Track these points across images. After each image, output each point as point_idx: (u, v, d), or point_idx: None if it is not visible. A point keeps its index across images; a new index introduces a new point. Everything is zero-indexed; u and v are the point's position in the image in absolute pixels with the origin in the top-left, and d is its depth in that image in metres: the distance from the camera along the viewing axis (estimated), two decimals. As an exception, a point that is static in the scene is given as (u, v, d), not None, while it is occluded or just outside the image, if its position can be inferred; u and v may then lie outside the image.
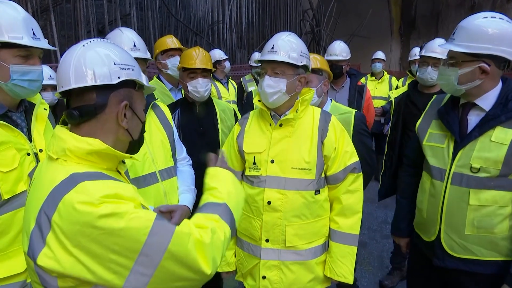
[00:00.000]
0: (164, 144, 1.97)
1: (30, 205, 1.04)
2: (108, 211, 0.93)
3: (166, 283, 1.01)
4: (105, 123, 1.09)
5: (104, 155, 1.08)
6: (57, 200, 0.95)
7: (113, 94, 1.09)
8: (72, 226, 0.92)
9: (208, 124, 2.52)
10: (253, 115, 1.99)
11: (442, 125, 1.80)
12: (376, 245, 4.13)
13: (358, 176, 1.89)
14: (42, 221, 0.96)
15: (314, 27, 13.05)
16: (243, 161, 1.95)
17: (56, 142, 1.06)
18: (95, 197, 0.94)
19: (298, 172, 1.80)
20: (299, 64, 1.77)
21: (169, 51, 2.96)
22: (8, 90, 1.55)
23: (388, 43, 14.76)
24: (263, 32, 11.65)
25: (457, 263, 1.76)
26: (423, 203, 1.88)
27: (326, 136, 1.83)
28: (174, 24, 9.19)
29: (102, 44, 1.12)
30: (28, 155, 1.62)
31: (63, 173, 1.01)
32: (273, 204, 1.81)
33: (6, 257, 1.57)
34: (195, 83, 2.40)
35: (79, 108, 1.07)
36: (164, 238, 0.99)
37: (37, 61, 1.59)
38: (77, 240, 0.93)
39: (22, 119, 1.67)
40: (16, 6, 1.57)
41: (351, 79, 3.62)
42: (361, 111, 3.54)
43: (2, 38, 1.48)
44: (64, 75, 1.07)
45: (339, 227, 1.87)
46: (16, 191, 1.56)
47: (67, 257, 0.94)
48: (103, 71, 1.07)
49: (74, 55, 1.08)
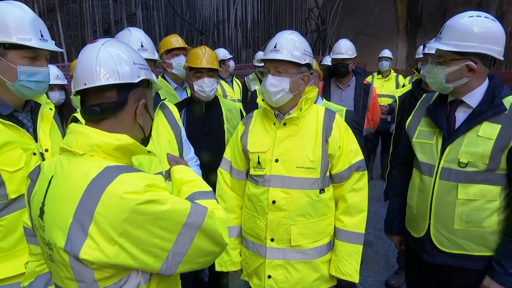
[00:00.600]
0: (171, 144, 1.97)
1: (61, 201, 1.05)
2: (153, 198, 1.00)
3: (195, 259, 1.12)
4: (124, 120, 1.14)
5: (127, 150, 1.13)
6: (98, 192, 0.99)
7: (132, 92, 1.14)
8: (119, 214, 0.97)
9: (214, 124, 2.53)
10: (257, 114, 1.98)
11: (431, 122, 1.84)
12: (382, 244, 4.11)
13: (363, 174, 1.88)
14: (81, 214, 0.99)
15: (319, 25, 13.01)
16: (247, 160, 1.94)
17: (80, 138, 1.09)
18: (140, 186, 1.00)
19: (302, 171, 1.79)
20: (302, 63, 1.77)
21: (173, 51, 2.96)
22: (14, 91, 1.56)
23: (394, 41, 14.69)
24: (268, 31, 11.63)
25: (447, 259, 1.78)
26: (413, 199, 1.92)
27: (330, 134, 1.82)
28: (179, 24, 9.21)
29: (120, 44, 1.16)
30: (34, 154, 1.63)
31: (95, 167, 1.04)
32: (277, 203, 1.81)
33: (12, 256, 1.58)
34: (201, 83, 2.40)
35: (100, 105, 1.10)
36: (199, 217, 1.09)
37: (44, 62, 1.61)
38: (123, 228, 0.98)
39: (28, 119, 1.69)
40: (24, 7, 1.57)
41: (357, 77, 3.60)
42: (367, 110, 3.52)
43: (10, 39, 1.49)
44: (87, 73, 1.09)
45: (344, 226, 1.87)
46: (23, 191, 1.57)
47: (112, 246, 0.98)
48: (126, 70, 1.11)
49: (95, 53, 1.10)
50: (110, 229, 0.97)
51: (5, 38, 1.48)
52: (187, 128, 2.43)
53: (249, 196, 1.92)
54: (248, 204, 1.93)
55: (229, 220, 1.99)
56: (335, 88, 3.61)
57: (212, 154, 2.20)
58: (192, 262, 1.11)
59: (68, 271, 1.04)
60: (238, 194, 2.01)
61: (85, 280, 1.02)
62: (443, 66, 1.69)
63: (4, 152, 1.52)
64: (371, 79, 5.86)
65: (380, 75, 5.85)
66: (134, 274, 1.07)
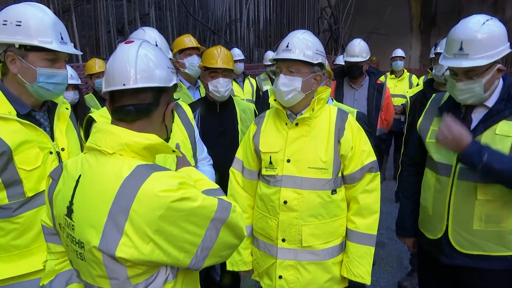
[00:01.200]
0: (185, 144, 1.98)
1: (92, 199, 1.07)
2: (186, 195, 1.05)
3: (219, 252, 1.17)
4: (154, 122, 1.18)
5: (154, 150, 1.17)
6: (133, 191, 1.02)
7: (164, 95, 1.18)
8: (155, 212, 1.01)
9: (228, 124, 2.53)
10: (269, 114, 1.98)
11: None
12: (395, 246, 4.07)
13: (376, 175, 1.87)
14: (116, 213, 1.02)
15: (332, 25, 12.95)
16: (259, 160, 1.95)
17: (109, 137, 1.11)
18: (173, 184, 1.04)
19: (314, 172, 1.79)
20: (315, 62, 1.76)
21: (186, 50, 2.98)
22: (33, 92, 1.60)
23: (408, 40, 14.54)
24: (280, 30, 11.62)
25: (466, 260, 1.77)
26: (428, 200, 1.89)
27: (342, 135, 1.81)
28: (192, 23, 9.26)
29: (154, 47, 1.20)
30: (50, 153, 1.66)
31: (126, 166, 1.07)
32: (289, 203, 1.81)
33: (29, 253, 1.61)
34: (216, 83, 2.41)
35: (135, 106, 1.13)
36: (225, 212, 1.15)
37: (63, 64, 1.64)
38: (158, 225, 1.02)
39: (45, 118, 1.72)
40: (46, 9, 1.60)
41: (370, 77, 3.57)
42: (380, 109, 3.49)
43: (31, 42, 1.52)
44: (126, 73, 1.11)
45: (356, 227, 1.86)
46: (39, 189, 1.61)
47: (147, 244, 1.02)
48: (164, 74, 1.16)
49: (134, 54, 1.12)
50: (146, 226, 1.01)
51: (27, 40, 1.51)
52: (201, 128, 2.44)
53: (261, 196, 1.92)
54: (260, 204, 1.94)
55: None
56: (348, 88, 3.59)
57: (226, 154, 2.21)
58: (217, 255, 1.17)
59: (101, 269, 1.06)
60: (250, 194, 2.01)
61: (118, 277, 1.05)
62: (478, 79, 1.66)
63: (22, 151, 1.55)
64: (384, 79, 5.81)
65: (393, 75, 5.79)
66: (163, 270, 1.12)
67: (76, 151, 1.79)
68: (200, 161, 2.14)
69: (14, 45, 1.51)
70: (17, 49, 1.52)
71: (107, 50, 7.05)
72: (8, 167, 1.52)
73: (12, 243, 1.58)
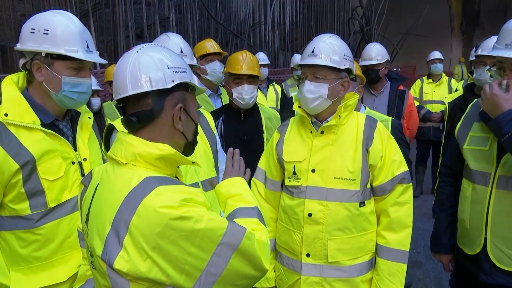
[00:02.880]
0: (207, 154, 2.03)
1: (102, 209, 1.14)
2: (188, 214, 1.04)
3: (231, 281, 1.14)
4: (162, 127, 1.19)
5: (170, 160, 1.19)
6: (135, 203, 1.05)
7: (168, 98, 1.18)
8: (153, 228, 1.03)
9: (253, 133, 2.58)
10: (293, 121, 2.03)
11: (485, 127, 1.80)
12: (433, 265, 4.01)
13: (408, 187, 1.87)
14: (119, 224, 1.06)
15: (363, 26, 12.90)
16: (282, 170, 1.99)
17: (124, 147, 1.17)
18: (175, 200, 1.04)
19: (341, 182, 1.82)
20: (342, 68, 1.81)
21: (208, 56, 3.05)
22: (57, 100, 1.69)
23: (448, 41, 14.32)
24: (307, 32, 11.67)
25: (507, 278, 1.73)
26: (465, 213, 1.87)
27: (371, 143, 1.84)
28: (213, 27, 9.43)
29: (154, 49, 1.22)
30: (73, 163, 1.75)
31: (136, 177, 1.11)
32: (314, 216, 1.84)
33: (50, 265, 1.70)
34: (241, 90, 2.47)
35: (136, 114, 1.16)
36: (236, 238, 1.12)
37: (87, 73, 1.73)
38: (156, 242, 1.03)
39: (68, 127, 1.81)
40: (73, 18, 1.70)
41: (392, 83, 3.58)
42: (401, 118, 3.47)
43: (58, 50, 1.62)
44: (121, 82, 1.17)
45: (387, 243, 1.86)
46: (61, 200, 1.70)
47: (144, 260, 1.04)
48: (158, 76, 1.16)
49: (129, 61, 1.17)
50: (144, 242, 1.02)
51: (54, 49, 1.61)
52: (225, 137, 2.49)
53: (284, 208, 1.96)
54: (283, 216, 1.97)
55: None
56: (367, 94, 3.62)
57: (250, 165, 2.24)
58: (228, 283, 1.14)
59: (106, 279, 1.12)
60: (273, 205, 2.05)
61: None
62: None
63: (46, 161, 1.64)
64: (420, 84, 5.75)
65: (430, 79, 5.74)
66: None
67: (98, 161, 1.89)
68: (221, 171, 2.19)
69: (41, 53, 1.61)
70: (43, 57, 1.62)
71: (125, 56, 7.24)
72: (31, 177, 1.61)
73: (34, 255, 1.66)
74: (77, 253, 1.72)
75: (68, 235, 1.71)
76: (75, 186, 1.75)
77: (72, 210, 1.72)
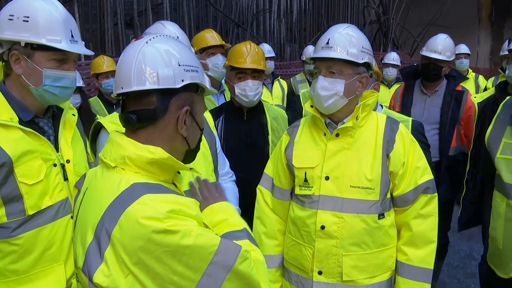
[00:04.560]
0: (205, 156, 2.03)
1: (86, 216, 1.14)
2: (175, 227, 1.03)
3: None
4: (164, 130, 1.18)
5: (164, 165, 1.18)
6: (118, 212, 1.04)
7: (175, 98, 1.18)
8: (135, 241, 1.01)
9: (257, 134, 2.58)
10: (304, 122, 2.03)
11: None
12: (458, 285, 4.01)
13: (432, 197, 1.87)
14: (101, 234, 1.06)
15: (380, 15, 12.90)
16: (292, 177, 1.99)
17: (115, 149, 1.17)
18: (161, 211, 1.03)
19: (358, 192, 1.82)
20: (360, 62, 1.80)
21: (209, 49, 3.04)
22: (37, 95, 1.69)
23: (475, 33, 14.31)
24: (317, 22, 11.67)
25: None
26: (498, 231, 1.86)
27: (392, 148, 1.84)
28: (212, 14, 9.43)
29: (165, 41, 1.21)
30: (54, 166, 1.75)
31: (123, 182, 1.11)
32: (327, 229, 1.83)
33: (27, 279, 1.69)
34: (244, 85, 2.46)
35: (137, 112, 1.16)
36: (230, 257, 1.10)
37: (72, 66, 1.73)
38: (139, 257, 1.02)
39: (50, 125, 1.81)
40: (56, 4, 1.70)
41: (449, 81, 3.46)
42: (457, 123, 3.37)
43: (39, 40, 1.61)
44: (125, 75, 1.16)
45: (408, 259, 1.86)
46: (42, 206, 1.69)
47: (126, 276, 1.03)
48: (167, 73, 1.15)
49: (136, 53, 1.16)
50: (125, 256, 1.02)
51: (34, 39, 1.60)
52: (226, 138, 2.49)
53: (294, 220, 1.96)
54: (292, 229, 1.97)
55: (269, 248, 2.03)
56: (418, 93, 3.52)
57: (253, 170, 2.25)
58: None
59: None
60: (281, 216, 2.05)
61: None
62: None
63: (24, 162, 1.64)
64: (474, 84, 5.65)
65: (455, 76, 5.72)
66: None
67: (83, 163, 1.88)
68: (221, 176, 2.18)
69: (19, 43, 1.61)
70: (22, 47, 1.62)
71: (113, 46, 7.26)
72: (8, 180, 1.61)
73: (10, 268, 1.65)
74: (59, 267, 1.72)
75: (48, 246, 1.70)
76: (57, 191, 1.74)
77: (53, 218, 1.71)
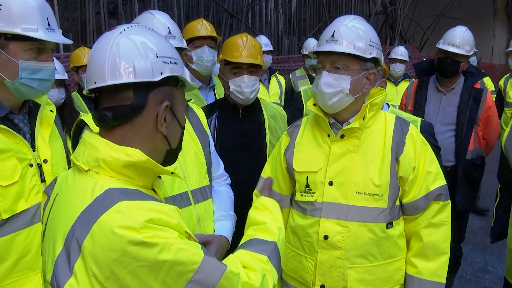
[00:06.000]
0: (198, 157, 2.01)
1: (56, 224, 1.13)
2: (152, 240, 1.01)
3: None
4: (142, 128, 1.17)
5: (142, 169, 1.17)
6: (91, 221, 1.02)
7: (153, 93, 1.17)
8: (108, 253, 1.00)
9: (253, 134, 2.58)
10: (306, 122, 2.03)
11: None
12: (471, 302, 4.02)
13: (445, 205, 1.87)
14: (71, 245, 1.04)
15: (387, 5, 12.94)
16: (292, 182, 1.99)
17: (88, 151, 1.15)
18: (138, 221, 1.01)
19: (364, 198, 1.82)
20: (367, 57, 1.81)
21: (195, 40, 3.03)
22: (13, 89, 1.69)
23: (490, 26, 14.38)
24: (318, 12, 11.68)
25: None
26: None
27: (402, 151, 1.84)
28: (204, 3, 9.42)
29: (142, 31, 1.20)
30: (30, 166, 1.75)
31: (97, 188, 1.09)
32: (331, 239, 1.84)
33: None
34: (239, 81, 2.46)
35: (112, 109, 1.14)
36: (213, 276, 1.09)
37: (49, 56, 1.73)
38: (112, 271, 1.00)
39: (25, 122, 1.81)
40: None
41: (467, 78, 3.46)
42: (475, 123, 3.37)
43: (14, 29, 1.61)
44: (98, 68, 1.15)
45: (418, 272, 1.86)
46: (16, 210, 1.69)
47: None
48: (144, 65, 1.15)
49: (110, 44, 1.15)
50: (96, 269, 1.00)
51: (8, 28, 1.60)
52: (219, 138, 2.49)
53: (294, 229, 1.96)
54: (292, 238, 1.97)
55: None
56: (433, 90, 3.53)
57: (249, 172, 2.24)
58: None
59: None
60: (279, 225, 2.04)
61: None
62: None
63: None
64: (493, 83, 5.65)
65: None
66: None
67: (62, 163, 1.88)
68: (215, 179, 2.17)
69: None
70: None
71: (95, 37, 7.22)
72: None
73: None
74: (35, 276, 1.72)
75: (24, 253, 1.70)
76: (33, 193, 1.74)
77: (29, 222, 1.71)
